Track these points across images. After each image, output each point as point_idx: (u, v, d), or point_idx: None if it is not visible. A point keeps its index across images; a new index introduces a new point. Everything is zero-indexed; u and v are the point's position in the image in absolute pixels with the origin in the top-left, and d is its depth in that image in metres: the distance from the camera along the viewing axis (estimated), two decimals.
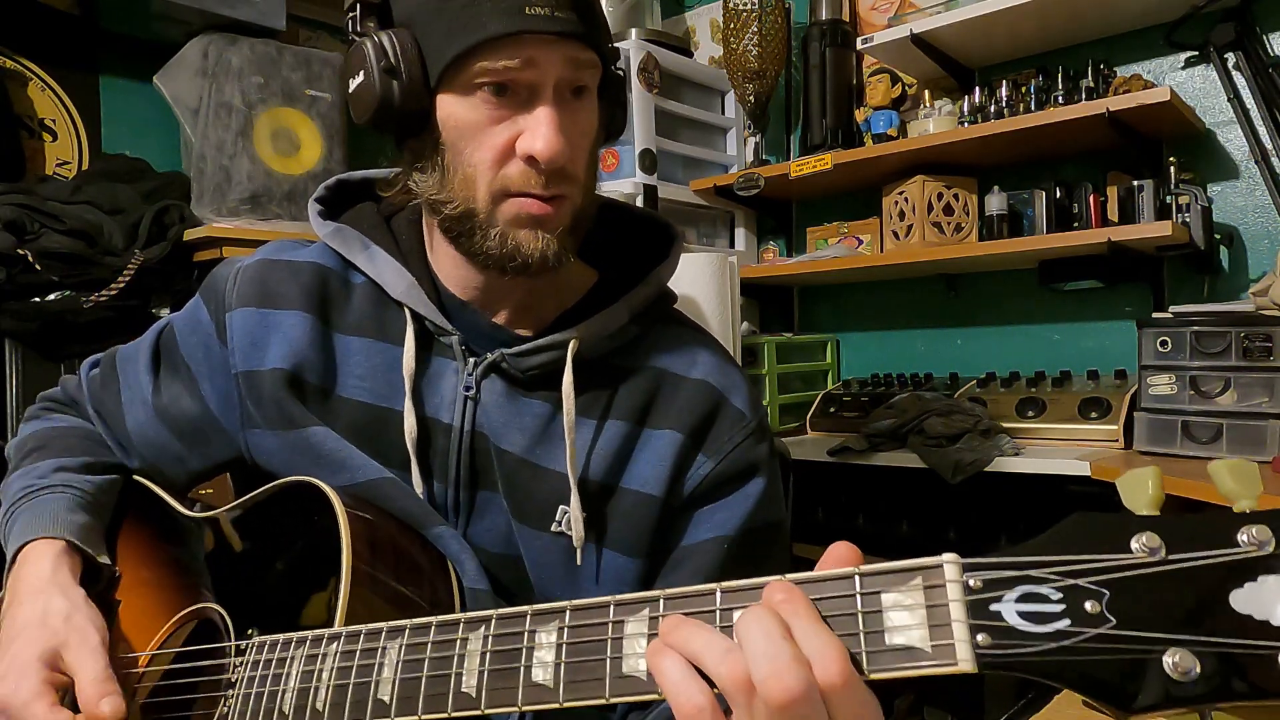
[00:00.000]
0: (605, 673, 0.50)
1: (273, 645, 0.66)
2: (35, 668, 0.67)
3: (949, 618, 0.42)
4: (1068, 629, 0.40)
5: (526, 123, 0.69)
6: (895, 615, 0.44)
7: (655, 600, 0.50)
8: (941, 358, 2.28)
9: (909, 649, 0.43)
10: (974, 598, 0.42)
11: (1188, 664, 0.38)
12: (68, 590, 0.72)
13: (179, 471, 0.86)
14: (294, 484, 0.74)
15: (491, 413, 0.77)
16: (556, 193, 0.71)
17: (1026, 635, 0.41)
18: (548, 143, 0.68)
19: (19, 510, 0.78)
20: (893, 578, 0.45)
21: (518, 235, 0.71)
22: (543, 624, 0.53)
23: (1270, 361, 1.47)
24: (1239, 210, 1.87)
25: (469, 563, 0.74)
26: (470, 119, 0.69)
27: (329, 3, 2.48)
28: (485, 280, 0.77)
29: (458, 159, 0.71)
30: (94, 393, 0.88)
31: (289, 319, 0.79)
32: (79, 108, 2.09)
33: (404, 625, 0.59)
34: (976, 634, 0.41)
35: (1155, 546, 0.40)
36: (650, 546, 0.77)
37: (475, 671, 0.54)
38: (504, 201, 0.71)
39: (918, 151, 1.98)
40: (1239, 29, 1.76)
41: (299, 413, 0.77)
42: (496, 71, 0.67)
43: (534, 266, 0.72)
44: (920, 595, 0.43)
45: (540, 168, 0.69)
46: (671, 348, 0.81)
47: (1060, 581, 0.41)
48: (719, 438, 0.79)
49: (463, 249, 0.75)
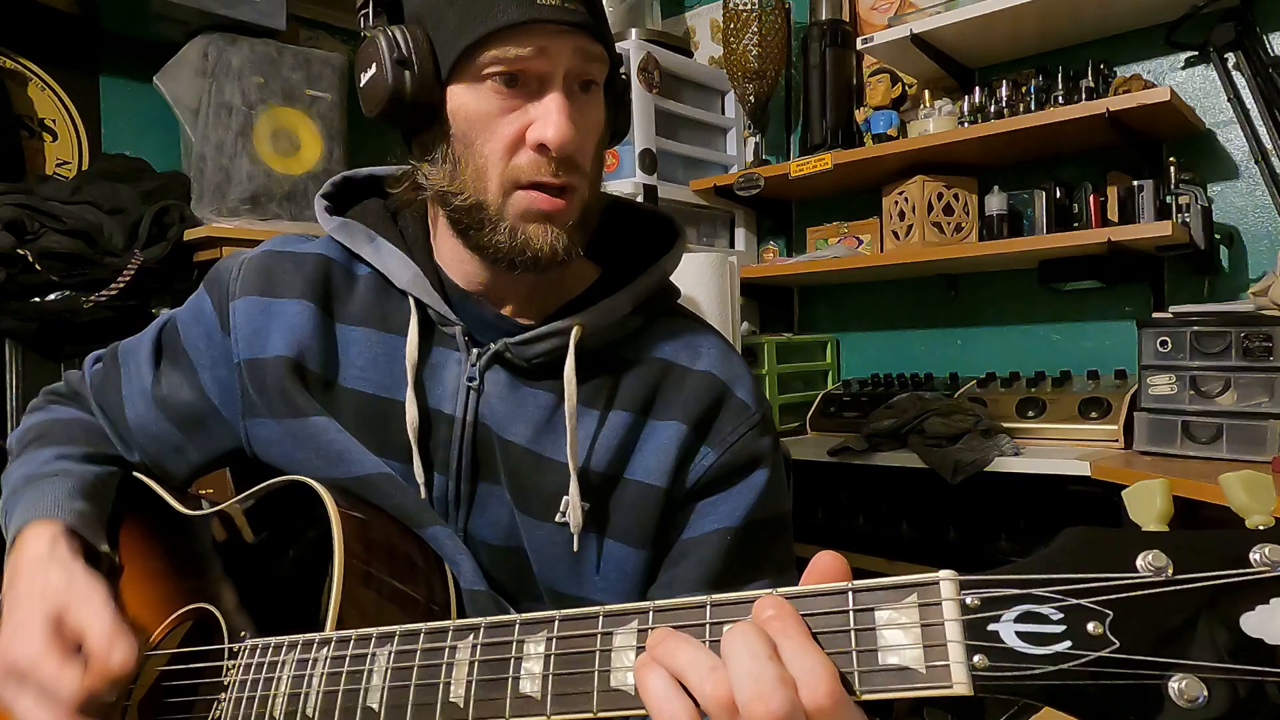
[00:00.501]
0: (593, 686, 0.49)
1: (264, 649, 0.66)
2: (41, 629, 0.66)
3: (945, 638, 0.41)
4: (1068, 651, 0.38)
5: (536, 111, 0.70)
6: (889, 634, 0.42)
7: (645, 612, 0.49)
8: (941, 358, 2.28)
9: (903, 669, 0.41)
10: (971, 617, 0.41)
11: (1195, 691, 0.36)
12: (66, 564, 0.72)
13: (179, 464, 0.86)
14: (288, 483, 0.74)
15: (494, 403, 0.77)
16: (566, 182, 0.71)
17: (1025, 657, 0.39)
18: (558, 129, 0.68)
19: (20, 496, 0.78)
20: (887, 594, 0.43)
21: (527, 230, 0.72)
22: (531, 634, 0.52)
23: (1270, 361, 1.47)
24: (1239, 210, 1.87)
25: (465, 563, 0.75)
26: (481, 109, 0.70)
27: (329, 3, 2.49)
28: (490, 274, 0.77)
29: (468, 151, 0.71)
30: (96, 386, 0.88)
31: (292, 308, 0.79)
32: (79, 108, 2.09)
33: (393, 632, 0.58)
34: (973, 655, 0.40)
35: (1162, 565, 0.38)
36: (653, 538, 0.77)
37: (463, 681, 0.53)
38: (514, 194, 0.71)
39: (918, 151, 1.97)
40: (1239, 29, 1.76)
41: (304, 401, 0.77)
42: (508, 60, 0.68)
43: (543, 261, 0.72)
44: (915, 613, 0.42)
45: (550, 155, 0.69)
46: (675, 339, 0.82)
47: (1062, 601, 0.39)
48: (723, 429, 0.79)
49: (471, 242, 0.75)
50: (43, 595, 0.68)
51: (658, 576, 0.79)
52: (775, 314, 2.55)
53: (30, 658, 0.65)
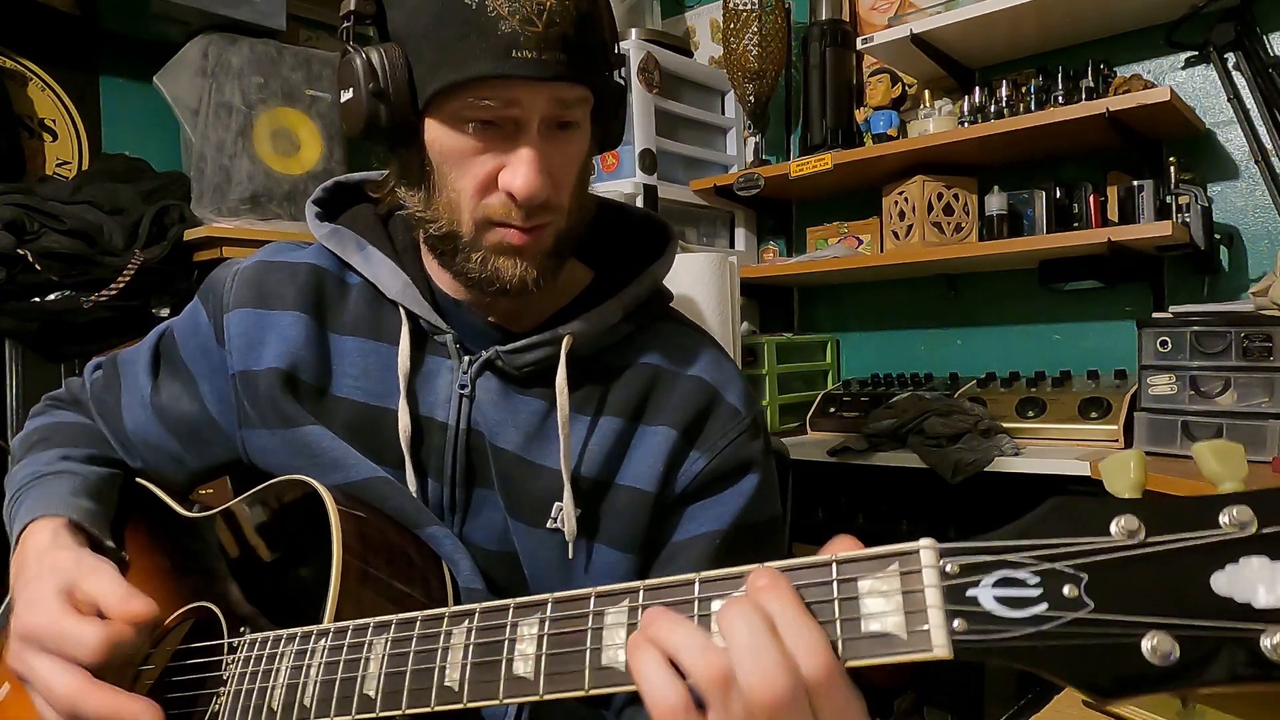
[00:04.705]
0: (584, 664, 0.50)
1: (263, 643, 0.66)
2: (54, 599, 0.65)
3: (925, 604, 0.42)
4: (1045, 613, 0.40)
5: (509, 159, 0.69)
6: (871, 602, 0.44)
7: (635, 591, 0.50)
8: (941, 358, 2.28)
9: (885, 635, 0.43)
10: (950, 583, 0.42)
11: (1167, 647, 0.37)
12: (73, 548, 0.72)
13: (178, 473, 0.86)
14: (287, 482, 0.75)
15: (487, 410, 0.77)
16: (537, 224, 0.71)
17: (1004, 621, 0.40)
18: (526, 182, 0.68)
19: (25, 493, 0.79)
20: (870, 564, 0.45)
21: (497, 262, 0.72)
22: (525, 616, 0.53)
23: (1270, 361, 1.47)
24: (1239, 210, 1.87)
25: (463, 562, 0.75)
26: (455, 147, 0.70)
27: (329, 3, 2.49)
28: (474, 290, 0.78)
29: (443, 181, 0.71)
30: (96, 394, 0.89)
31: (285, 319, 0.79)
32: (79, 108, 2.09)
33: (390, 620, 0.59)
34: (953, 620, 0.41)
35: (1134, 529, 0.39)
36: (643, 542, 0.78)
37: (458, 665, 0.54)
38: (488, 229, 0.72)
39: (918, 151, 1.97)
40: (1239, 29, 1.76)
41: (295, 411, 0.78)
42: (480, 109, 0.68)
43: (513, 291, 0.73)
44: (896, 581, 0.43)
45: (519, 204, 0.69)
46: (666, 344, 0.82)
47: (1038, 566, 0.41)
48: (712, 434, 0.79)
49: (445, 264, 0.76)
50: (52, 571, 0.68)
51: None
52: (775, 314, 2.55)
53: (47, 622, 0.64)
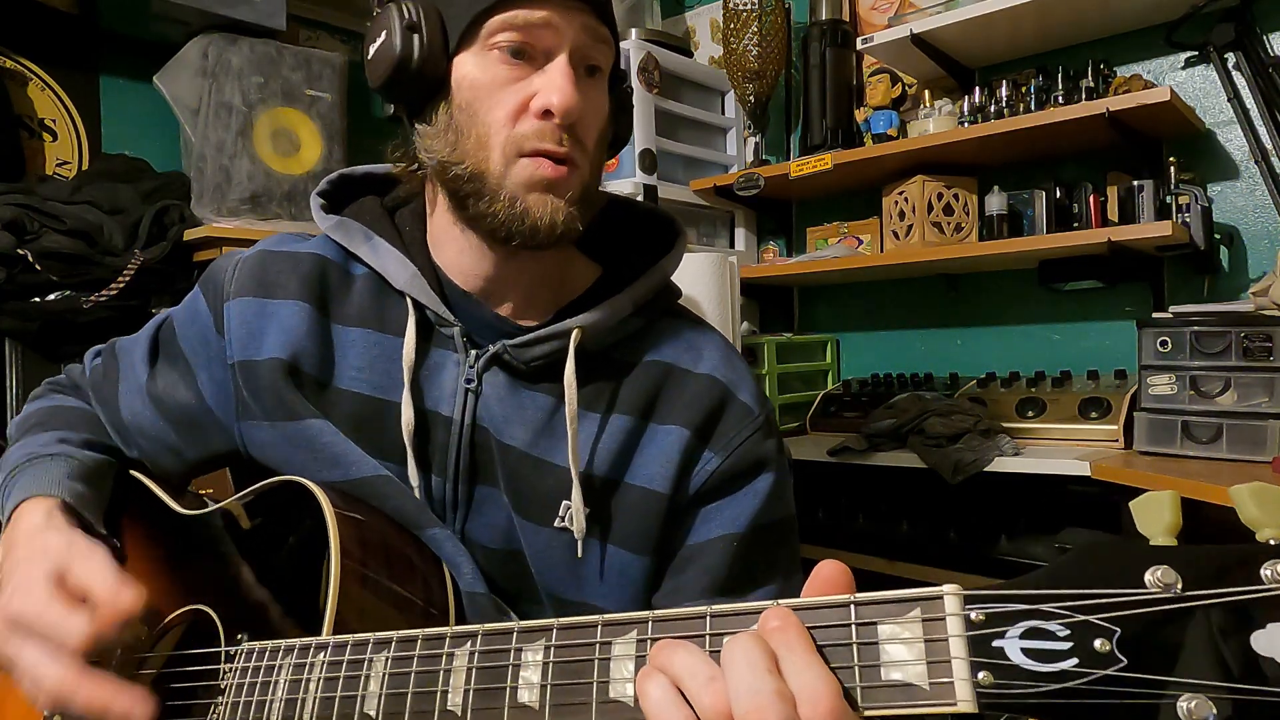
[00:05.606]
0: (591, 696, 0.48)
1: (260, 653, 0.65)
2: (43, 584, 0.64)
3: (949, 653, 0.40)
4: (1075, 669, 0.37)
5: (541, 81, 0.70)
6: (892, 648, 0.41)
7: (644, 622, 0.49)
8: (941, 358, 2.27)
9: (906, 685, 0.41)
10: (976, 633, 0.40)
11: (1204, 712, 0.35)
12: (64, 530, 0.70)
13: (175, 463, 0.85)
14: (284, 484, 0.73)
15: (493, 406, 0.76)
16: (570, 153, 0.71)
17: (1031, 674, 0.38)
18: (563, 94, 0.69)
19: (19, 474, 0.77)
20: (890, 608, 0.42)
21: (527, 200, 0.71)
22: (529, 642, 0.52)
23: (1270, 361, 1.47)
24: (1239, 210, 1.87)
25: (465, 565, 0.74)
26: (486, 78, 0.71)
27: (329, 3, 2.49)
28: (489, 269, 0.77)
29: (472, 119, 0.71)
30: (95, 381, 0.88)
31: (287, 309, 0.78)
32: (79, 108, 2.09)
33: (390, 637, 0.58)
34: (978, 672, 0.39)
35: (1171, 581, 0.37)
36: (657, 544, 0.76)
37: (461, 690, 0.53)
38: (517, 162, 0.71)
39: (918, 151, 1.97)
40: (1239, 29, 1.76)
41: (298, 403, 0.76)
42: (516, 25, 0.69)
43: (542, 232, 0.71)
44: (919, 628, 0.41)
45: (555, 121, 0.70)
46: (676, 341, 0.81)
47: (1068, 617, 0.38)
48: (726, 433, 0.77)
49: (469, 214, 0.74)
50: (44, 555, 0.67)
51: (662, 583, 0.78)
52: (775, 314, 2.55)
53: (33, 609, 0.63)
